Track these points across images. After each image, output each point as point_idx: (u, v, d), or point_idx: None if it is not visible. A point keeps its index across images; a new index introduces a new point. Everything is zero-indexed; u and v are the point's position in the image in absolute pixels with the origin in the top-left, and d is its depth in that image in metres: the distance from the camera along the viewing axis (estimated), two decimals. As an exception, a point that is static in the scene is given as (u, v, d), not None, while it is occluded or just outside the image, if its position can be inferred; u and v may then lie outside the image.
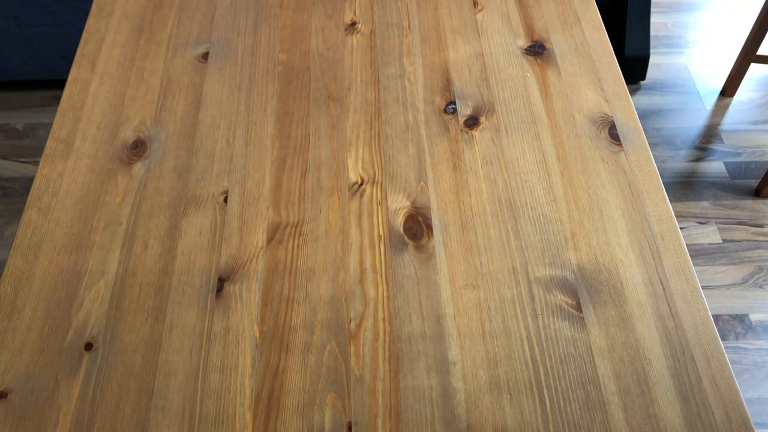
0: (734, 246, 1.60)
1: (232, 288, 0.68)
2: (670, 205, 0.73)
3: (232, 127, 0.82)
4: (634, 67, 1.86)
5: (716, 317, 1.48)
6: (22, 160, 1.79)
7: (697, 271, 1.50)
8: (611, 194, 0.74)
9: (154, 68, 0.88)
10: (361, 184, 0.76)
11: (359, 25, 0.93)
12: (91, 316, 0.66)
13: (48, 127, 1.85)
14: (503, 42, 0.90)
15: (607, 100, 0.83)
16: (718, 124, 1.83)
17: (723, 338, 1.45)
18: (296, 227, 0.72)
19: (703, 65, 1.98)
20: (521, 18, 0.93)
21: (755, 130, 1.82)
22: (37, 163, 1.77)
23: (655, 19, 2.07)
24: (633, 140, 0.79)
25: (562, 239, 0.71)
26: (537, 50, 0.89)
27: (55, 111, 0.85)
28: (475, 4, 0.95)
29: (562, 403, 0.60)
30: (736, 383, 0.61)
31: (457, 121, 0.82)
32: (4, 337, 0.65)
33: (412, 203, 0.74)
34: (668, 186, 1.70)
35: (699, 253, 1.59)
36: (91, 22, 0.94)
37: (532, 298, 0.67)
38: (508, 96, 0.84)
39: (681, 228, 1.62)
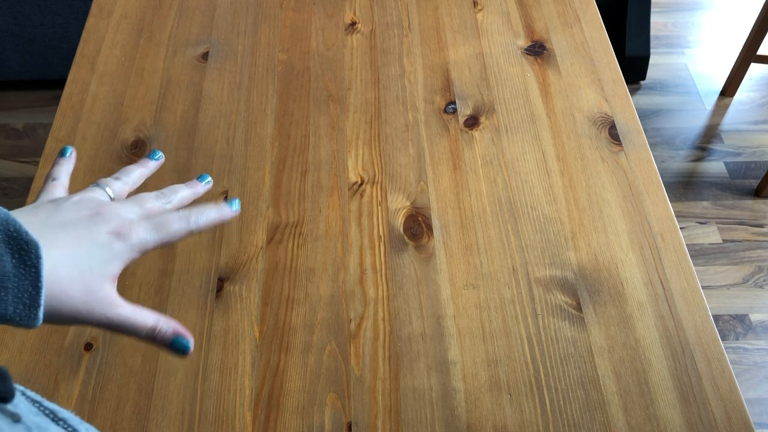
0: (734, 246, 1.60)
1: (231, 288, 0.68)
2: (670, 205, 0.73)
3: (232, 127, 0.82)
4: (634, 67, 1.86)
5: (716, 317, 1.48)
6: (22, 160, 1.79)
7: (697, 271, 1.50)
8: (611, 194, 0.74)
9: (154, 68, 0.88)
10: (361, 184, 0.76)
11: (359, 25, 0.93)
12: (91, 316, 0.66)
13: (48, 127, 1.85)
14: (503, 42, 0.90)
15: (607, 100, 0.83)
16: (718, 124, 1.83)
17: (723, 338, 1.45)
18: (296, 227, 0.72)
19: (703, 65, 1.98)
20: (521, 18, 0.93)
21: (755, 130, 1.82)
22: (37, 163, 1.77)
23: (655, 19, 2.07)
24: (633, 140, 0.79)
25: (562, 239, 0.71)
26: (537, 50, 0.89)
27: (55, 111, 0.85)
28: (475, 4, 0.95)
29: (562, 403, 0.60)
30: (737, 383, 0.61)
31: (457, 121, 0.82)
32: (4, 337, 0.65)
33: (412, 203, 0.74)
34: (668, 186, 1.70)
35: (699, 253, 1.59)
36: (91, 22, 0.94)
37: (532, 298, 0.67)
38: (508, 96, 0.84)
39: (681, 228, 1.62)
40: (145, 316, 0.41)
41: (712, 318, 0.65)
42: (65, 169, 0.48)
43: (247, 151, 0.79)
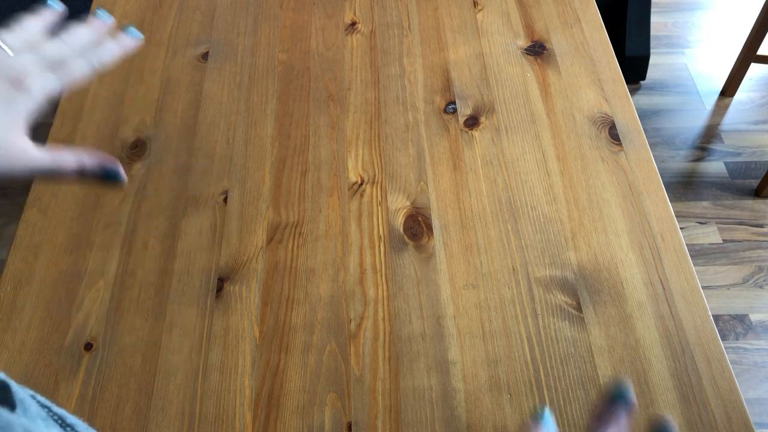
0: (734, 246, 1.60)
1: (231, 288, 0.68)
2: (670, 205, 0.73)
3: (232, 127, 0.82)
4: (634, 67, 1.86)
5: (716, 317, 1.48)
6: (22, 160, 1.78)
7: (697, 271, 1.50)
8: (611, 194, 0.74)
9: (154, 68, 0.88)
10: (361, 184, 0.76)
11: (359, 25, 0.93)
12: (91, 316, 0.66)
13: (48, 127, 1.85)
14: (503, 42, 0.90)
15: (607, 100, 0.83)
16: (718, 124, 1.83)
17: (723, 338, 1.45)
18: (296, 227, 0.72)
19: (703, 65, 1.98)
20: (521, 18, 0.93)
21: (755, 130, 1.82)
22: (37, 163, 1.76)
23: (655, 19, 2.07)
24: (633, 140, 0.79)
25: (562, 239, 0.71)
26: (537, 50, 0.89)
27: (55, 111, 0.85)
28: (475, 4, 0.95)
29: (562, 403, 0.60)
30: (737, 383, 0.61)
31: (457, 121, 0.82)
32: (4, 337, 0.65)
33: (412, 203, 0.74)
34: (668, 186, 1.70)
35: (699, 253, 1.59)
36: (91, 22, 0.94)
37: (532, 298, 0.67)
38: (508, 96, 0.84)
39: (681, 228, 1.62)
40: (66, 158, 0.41)
41: (712, 318, 0.65)
42: None
43: (247, 151, 0.79)
